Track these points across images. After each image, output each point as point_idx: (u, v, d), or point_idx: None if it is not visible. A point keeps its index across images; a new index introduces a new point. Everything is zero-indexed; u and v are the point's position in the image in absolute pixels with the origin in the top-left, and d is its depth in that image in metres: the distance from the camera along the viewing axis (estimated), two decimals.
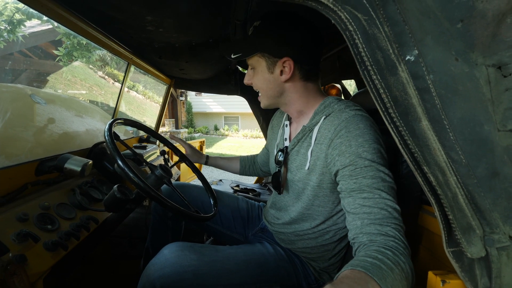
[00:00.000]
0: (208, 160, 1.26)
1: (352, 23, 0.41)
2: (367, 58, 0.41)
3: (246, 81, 0.83)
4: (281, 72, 0.75)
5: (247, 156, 1.28)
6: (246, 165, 1.25)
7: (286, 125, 0.89)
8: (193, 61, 1.52)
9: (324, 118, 0.74)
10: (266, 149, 1.16)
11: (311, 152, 0.74)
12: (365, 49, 0.41)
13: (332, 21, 0.43)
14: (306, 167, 0.75)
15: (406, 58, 0.42)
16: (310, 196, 0.77)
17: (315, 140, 0.74)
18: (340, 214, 0.79)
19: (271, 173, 0.92)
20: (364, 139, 0.64)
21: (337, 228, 0.80)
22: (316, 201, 0.78)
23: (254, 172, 1.25)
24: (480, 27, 0.43)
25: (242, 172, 1.26)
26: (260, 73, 0.78)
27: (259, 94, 0.83)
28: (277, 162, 0.85)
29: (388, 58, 0.41)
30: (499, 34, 0.44)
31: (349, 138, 0.65)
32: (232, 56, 0.78)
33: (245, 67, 0.95)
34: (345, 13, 0.41)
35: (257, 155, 1.25)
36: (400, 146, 0.44)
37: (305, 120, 0.81)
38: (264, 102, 0.83)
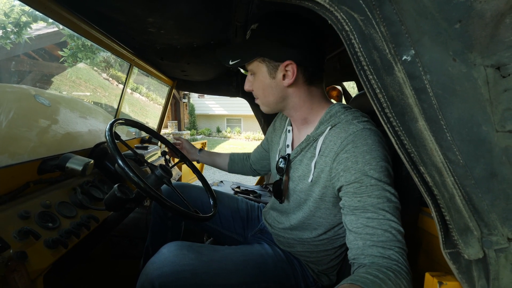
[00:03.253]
0: (200, 155, 1.25)
1: (349, 23, 0.41)
2: (363, 58, 0.42)
3: (246, 87, 0.79)
4: (284, 77, 0.71)
5: (238, 153, 1.26)
6: (234, 161, 1.23)
7: (289, 130, 0.86)
8: (195, 62, 1.53)
9: (330, 129, 0.70)
10: (261, 147, 1.13)
11: (315, 164, 0.71)
12: (361, 49, 0.41)
13: (329, 21, 0.43)
14: (309, 179, 0.72)
15: (403, 58, 0.42)
16: (312, 207, 0.76)
17: (320, 151, 0.71)
18: (341, 225, 0.77)
19: (273, 179, 0.91)
20: (371, 156, 0.61)
21: (338, 236, 0.80)
22: (317, 213, 0.76)
23: (243, 170, 1.23)
24: (479, 27, 0.43)
25: (229, 169, 1.25)
26: (260, 79, 0.74)
27: (258, 100, 0.79)
28: (279, 170, 0.81)
29: (384, 58, 0.41)
30: (498, 35, 0.44)
31: (356, 154, 0.62)
32: (230, 63, 0.73)
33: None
34: (341, 14, 0.41)
35: (249, 153, 1.23)
36: (396, 146, 0.44)
37: (309, 128, 0.78)
38: (264, 108, 0.80)
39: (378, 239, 0.56)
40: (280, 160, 0.81)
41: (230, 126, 14.52)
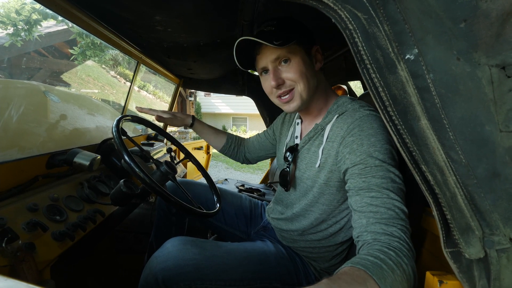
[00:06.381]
0: (194, 123, 1.16)
1: (352, 22, 0.41)
2: (367, 56, 0.42)
3: (283, 76, 0.74)
4: (315, 61, 0.78)
5: (236, 136, 1.21)
6: (231, 144, 1.18)
7: (298, 123, 0.90)
8: (201, 61, 1.55)
9: (337, 117, 0.74)
10: (264, 137, 1.12)
11: (322, 150, 0.74)
12: (364, 47, 0.42)
13: (333, 20, 0.43)
14: (317, 165, 0.75)
15: (406, 57, 0.42)
16: (316, 194, 0.78)
17: (327, 138, 0.74)
18: (343, 214, 0.78)
19: (277, 173, 0.92)
20: (376, 139, 0.64)
21: (339, 229, 0.80)
22: (321, 199, 0.78)
23: (235, 155, 1.19)
24: (484, 27, 0.43)
25: (223, 150, 1.18)
26: (299, 62, 0.73)
27: (292, 92, 0.75)
28: (286, 160, 0.84)
29: (387, 56, 0.42)
30: (503, 34, 0.44)
31: (362, 137, 0.65)
32: (275, 43, 0.69)
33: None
34: (345, 12, 0.41)
35: (245, 139, 1.21)
36: (398, 145, 0.44)
37: (318, 119, 0.82)
38: (303, 96, 0.75)
39: (381, 217, 0.57)
40: (287, 152, 0.84)
41: (235, 124, 14.55)
